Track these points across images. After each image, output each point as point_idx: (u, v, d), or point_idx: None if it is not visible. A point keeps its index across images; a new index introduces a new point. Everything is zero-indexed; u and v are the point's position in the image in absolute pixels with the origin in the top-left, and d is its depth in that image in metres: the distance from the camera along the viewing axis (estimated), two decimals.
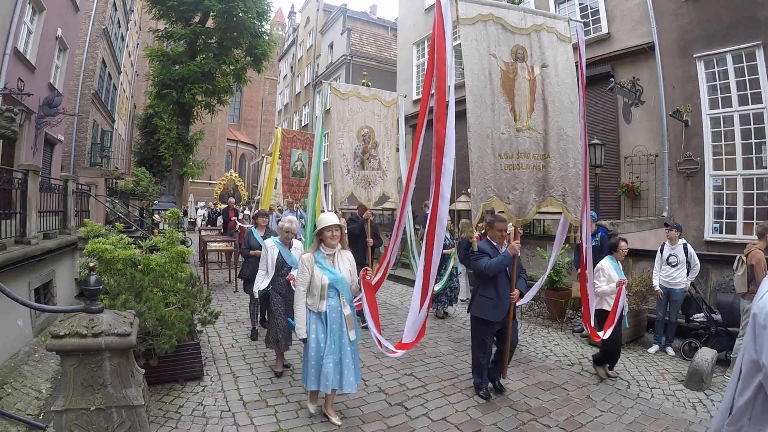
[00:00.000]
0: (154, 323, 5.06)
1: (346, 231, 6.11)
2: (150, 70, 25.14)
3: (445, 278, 9.25)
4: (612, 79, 11.72)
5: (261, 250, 6.57)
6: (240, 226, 14.50)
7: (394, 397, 5.46)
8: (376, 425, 4.74)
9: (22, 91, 11.91)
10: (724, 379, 6.35)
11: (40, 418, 4.69)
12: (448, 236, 9.61)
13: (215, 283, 11.90)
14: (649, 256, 8.38)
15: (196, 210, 34.24)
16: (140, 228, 15.11)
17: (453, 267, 9.56)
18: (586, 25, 13.93)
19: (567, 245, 9.58)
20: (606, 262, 6.54)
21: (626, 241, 6.81)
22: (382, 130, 8.62)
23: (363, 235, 8.51)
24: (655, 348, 7.59)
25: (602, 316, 6.19)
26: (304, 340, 4.65)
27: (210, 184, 54.22)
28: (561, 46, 5.76)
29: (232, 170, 28.34)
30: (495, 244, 5.57)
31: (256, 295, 6.26)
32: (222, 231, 15.92)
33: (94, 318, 3.63)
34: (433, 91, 5.15)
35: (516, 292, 5.52)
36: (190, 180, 32.06)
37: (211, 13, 22.89)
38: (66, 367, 3.59)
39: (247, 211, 16.13)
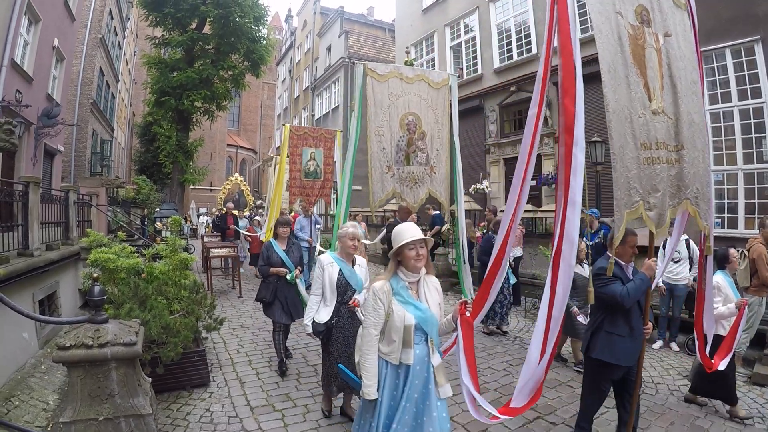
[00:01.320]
0: (159, 331, 5.07)
1: (366, 241, 5.31)
2: (148, 78, 25.16)
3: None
4: None
5: (283, 266, 6.12)
6: (247, 234, 14.44)
7: None
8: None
9: (20, 103, 11.91)
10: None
11: (49, 429, 4.70)
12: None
13: (219, 290, 11.91)
14: (643, 252, 8.36)
15: (198, 217, 34.25)
16: (142, 236, 15.11)
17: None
18: (584, 22, 13.97)
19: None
20: (721, 279, 5.57)
21: (736, 249, 6.09)
22: (430, 117, 7.23)
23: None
24: (659, 343, 7.60)
25: (714, 341, 4.97)
26: (373, 401, 3.31)
27: (211, 190, 54.32)
28: (678, 13, 4.48)
29: (237, 174, 27.17)
30: (623, 264, 4.36)
31: (309, 330, 4.70)
32: (221, 239, 15.57)
33: (99, 328, 3.64)
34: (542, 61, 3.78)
35: (650, 325, 4.29)
36: (191, 187, 32.08)
37: (208, 19, 22.91)
38: (73, 378, 3.60)
39: (258, 218, 15.47)
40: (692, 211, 4.28)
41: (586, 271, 6.33)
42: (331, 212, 24.04)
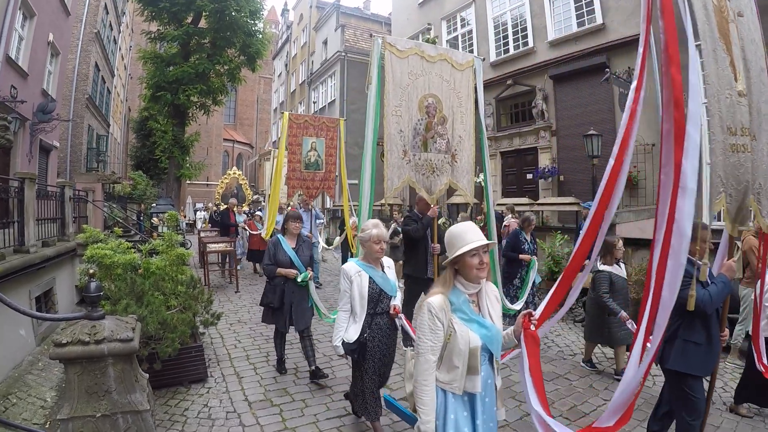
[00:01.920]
0: (156, 327, 5.07)
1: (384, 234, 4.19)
2: (144, 73, 25.08)
3: (524, 295, 7.57)
4: (608, 70, 11.74)
5: (292, 267, 5.62)
6: (246, 230, 13.80)
7: (397, 392, 5.46)
8: (383, 419, 4.74)
9: (15, 99, 11.88)
10: (725, 366, 6.38)
11: (47, 426, 4.70)
12: (528, 239, 8.10)
13: (216, 285, 11.90)
14: (647, 245, 8.38)
15: (195, 212, 34.20)
16: (138, 231, 15.08)
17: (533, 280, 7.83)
18: (580, 16, 13.95)
19: (566, 236, 9.62)
20: None
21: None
22: (453, 100, 6.58)
23: (426, 240, 6.59)
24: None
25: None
26: None
27: (208, 185, 54.23)
28: None
29: (235, 168, 25.76)
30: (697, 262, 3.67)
31: (339, 351, 4.15)
32: (219, 234, 15.16)
33: (96, 325, 3.63)
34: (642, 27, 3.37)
35: (726, 332, 3.95)
36: (188, 182, 32.01)
37: (204, 13, 22.82)
38: (70, 375, 3.59)
39: (259, 213, 14.57)
40: (755, 208, 3.64)
41: (623, 271, 6.23)
42: (334, 206, 23.06)
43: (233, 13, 22.70)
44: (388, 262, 4.38)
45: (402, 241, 11.77)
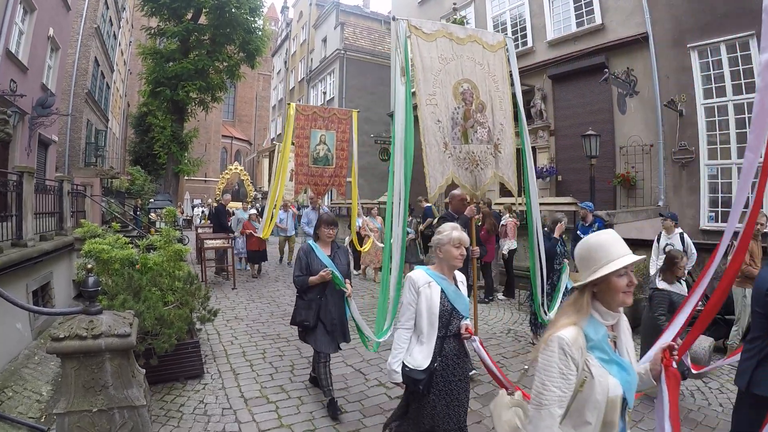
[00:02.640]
0: (153, 323, 5.07)
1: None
2: (143, 69, 25.06)
3: (556, 303, 6.67)
4: (606, 70, 11.76)
5: (329, 274, 4.68)
6: (245, 230, 12.89)
7: (394, 390, 5.46)
8: (376, 419, 4.76)
9: (14, 93, 11.85)
10: (720, 367, 6.39)
11: (42, 420, 4.70)
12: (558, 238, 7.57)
13: (213, 281, 11.89)
14: (645, 245, 8.42)
15: (193, 208, 34.17)
16: (136, 227, 15.07)
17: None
18: (579, 16, 13.96)
19: (563, 237, 9.62)
20: None
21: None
22: (489, 85, 5.86)
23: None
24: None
25: None
26: None
27: (206, 181, 54.21)
28: None
29: (236, 163, 24.99)
30: None
31: (397, 377, 3.38)
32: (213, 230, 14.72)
33: (93, 319, 3.64)
34: None
35: None
36: (186, 177, 31.99)
37: (204, 10, 22.83)
38: (67, 370, 3.60)
39: (253, 211, 13.91)
40: None
41: (684, 289, 5.50)
42: (332, 204, 22.21)
43: (233, 10, 22.71)
44: (460, 276, 3.64)
45: (419, 243, 11.36)
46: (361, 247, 11.24)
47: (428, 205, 13.37)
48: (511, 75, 6.19)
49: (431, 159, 5.47)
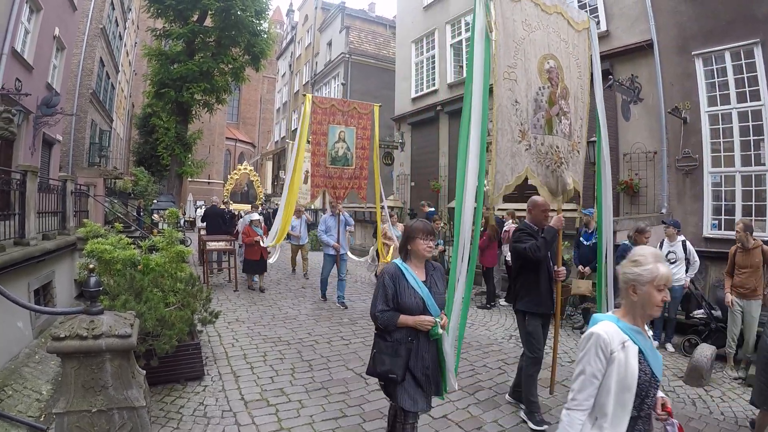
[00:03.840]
0: (154, 324, 5.06)
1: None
2: (148, 70, 25.13)
3: None
4: (611, 77, 11.75)
5: (424, 312, 3.47)
6: (249, 238, 11.27)
7: None
8: (377, 423, 4.75)
9: (19, 91, 11.88)
10: (723, 375, 6.37)
11: (41, 419, 4.69)
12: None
13: (215, 283, 11.89)
14: None
15: (196, 210, 34.18)
16: (138, 227, 15.08)
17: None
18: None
19: (566, 242, 9.62)
20: None
21: None
22: (573, 69, 4.82)
23: (547, 264, 4.93)
24: (654, 344, 7.55)
25: None
26: None
27: (209, 183, 54.27)
28: None
29: (246, 163, 23.65)
30: None
31: None
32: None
33: (94, 320, 3.63)
34: None
35: None
36: (189, 179, 32.04)
37: (210, 12, 22.91)
38: (67, 369, 3.59)
39: (257, 216, 12.08)
40: None
41: None
42: (364, 207, 20.76)
43: (239, 13, 22.78)
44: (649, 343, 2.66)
45: (440, 255, 10.48)
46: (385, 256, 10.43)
47: (431, 209, 13.37)
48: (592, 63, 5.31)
49: (501, 149, 4.46)
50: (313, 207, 14.13)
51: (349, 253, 10.74)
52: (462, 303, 4.11)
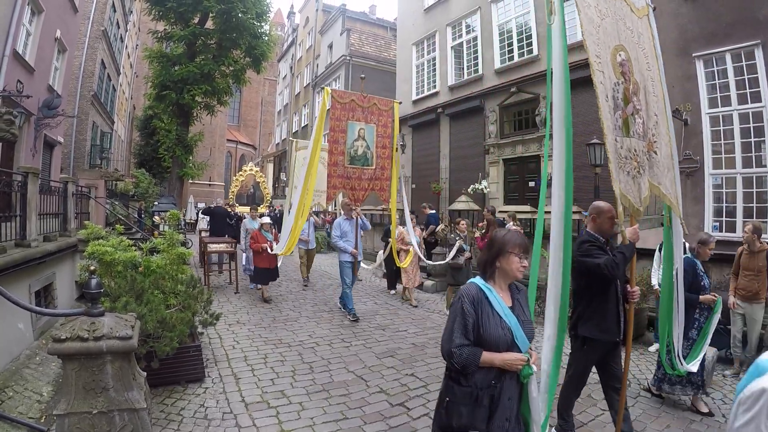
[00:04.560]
0: (155, 325, 5.06)
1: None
2: (149, 72, 25.17)
3: (700, 352, 5.09)
4: None
5: (513, 348, 2.71)
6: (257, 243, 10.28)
7: (395, 397, 5.45)
8: (377, 425, 4.74)
9: (21, 93, 11.89)
10: (724, 378, 6.36)
11: (42, 421, 4.69)
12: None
13: (216, 285, 11.89)
14: (648, 254, 8.38)
15: (197, 213, 34.21)
16: (139, 229, 15.09)
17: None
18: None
19: None
20: None
21: None
22: (641, 61, 4.21)
23: (618, 285, 4.21)
24: (655, 346, 7.59)
25: None
26: None
27: (210, 185, 54.30)
28: None
29: (251, 164, 22.49)
30: None
31: None
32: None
33: (95, 321, 3.63)
34: None
35: None
36: (190, 181, 32.06)
37: (211, 14, 22.95)
38: (68, 371, 3.59)
39: (267, 219, 11.24)
40: None
41: None
42: (370, 208, 18.94)
43: (240, 15, 22.82)
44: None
45: (466, 263, 9.56)
46: (401, 262, 10.08)
47: (432, 212, 13.37)
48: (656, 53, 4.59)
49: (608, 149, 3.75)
50: (314, 208, 13.55)
51: (363, 264, 10.27)
52: (556, 331, 3.29)
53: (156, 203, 21.50)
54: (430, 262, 10.87)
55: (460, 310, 2.75)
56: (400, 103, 9.93)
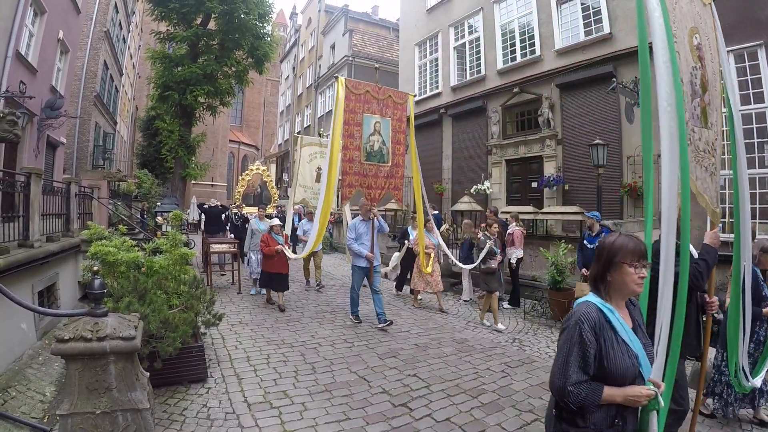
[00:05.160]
0: (157, 326, 5.06)
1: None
2: (152, 73, 25.20)
3: (765, 366, 4.70)
4: (614, 80, 11.73)
5: (637, 380, 2.29)
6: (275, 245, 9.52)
7: (398, 398, 5.45)
8: (380, 426, 4.74)
9: (24, 94, 11.93)
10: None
11: (45, 421, 4.70)
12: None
13: (218, 285, 11.89)
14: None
15: (199, 214, 34.20)
16: (142, 230, 15.11)
17: None
18: (588, 25, 13.96)
19: (569, 245, 9.62)
20: None
21: None
22: (707, 48, 3.73)
23: (697, 296, 4.08)
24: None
25: None
26: None
27: (213, 185, 54.33)
28: None
29: (258, 163, 21.42)
30: None
31: None
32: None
33: (98, 322, 3.64)
34: None
35: None
36: (193, 182, 32.08)
37: (213, 15, 22.95)
38: (71, 371, 3.60)
39: (276, 221, 10.27)
40: None
41: None
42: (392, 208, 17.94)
43: (242, 16, 22.82)
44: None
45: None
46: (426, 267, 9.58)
47: (435, 212, 13.37)
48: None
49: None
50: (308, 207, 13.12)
51: (381, 268, 9.74)
52: (669, 352, 2.77)
53: (159, 204, 21.51)
54: (464, 266, 10.07)
55: (578, 340, 2.27)
56: (415, 96, 9.45)
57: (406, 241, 10.50)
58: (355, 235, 8.57)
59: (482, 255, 8.77)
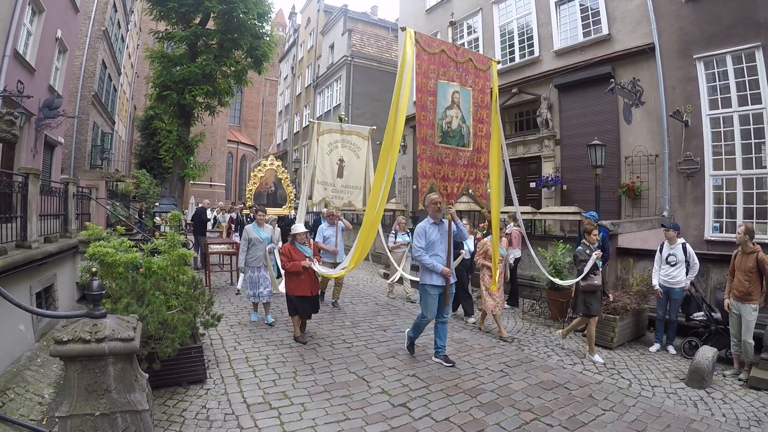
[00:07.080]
0: (156, 327, 5.06)
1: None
2: (150, 72, 25.14)
3: None
4: (612, 80, 11.78)
5: None
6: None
7: (397, 398, 5.46)
8: (379, 426, 4.74)
9: (21, 94, 11.90)
10: (724, 377, 6.37)
11: (44, 423, 4.69)
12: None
13: (217, 286, 11.89)
14: (649, 255, 8.40)
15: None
16: (140, 230, 15.09)
17: None
18: (586, 26, 13.99)
19: (568, 245, 9.63)
20: None
21: None
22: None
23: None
24: (656, 347, 7.61)
25: None
26: None
27: (211, 185, 54.25)
28: None
29: (272, 157, 17.89)
30: None
31: None
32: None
33: (97, 323, 3.64)
34: None
35: None
36: (191, 182, 32.04)
37: (212, 15, 22.89)
38: (70, 373, 3.60)
39: (301, 227, 8.02)
40: None
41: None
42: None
43: (241, 15, 22.75)
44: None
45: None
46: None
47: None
48: None
49: None
50: (315, 209, 11.85)
51: (381, 268, 8.51)
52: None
53: (157, 204, 21.44)
54: (561, 282, 8.19)
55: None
56: (499, 62, 7.52)
57: (461, 251, 8.84)
58: (426, 243, 6.46)
59: (586, 269, 7.03)
